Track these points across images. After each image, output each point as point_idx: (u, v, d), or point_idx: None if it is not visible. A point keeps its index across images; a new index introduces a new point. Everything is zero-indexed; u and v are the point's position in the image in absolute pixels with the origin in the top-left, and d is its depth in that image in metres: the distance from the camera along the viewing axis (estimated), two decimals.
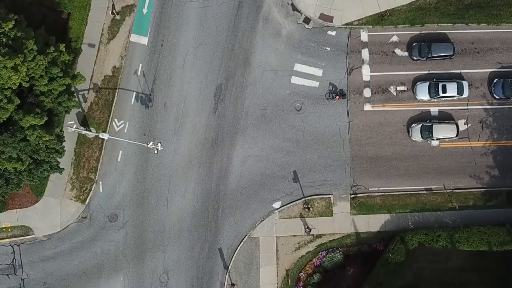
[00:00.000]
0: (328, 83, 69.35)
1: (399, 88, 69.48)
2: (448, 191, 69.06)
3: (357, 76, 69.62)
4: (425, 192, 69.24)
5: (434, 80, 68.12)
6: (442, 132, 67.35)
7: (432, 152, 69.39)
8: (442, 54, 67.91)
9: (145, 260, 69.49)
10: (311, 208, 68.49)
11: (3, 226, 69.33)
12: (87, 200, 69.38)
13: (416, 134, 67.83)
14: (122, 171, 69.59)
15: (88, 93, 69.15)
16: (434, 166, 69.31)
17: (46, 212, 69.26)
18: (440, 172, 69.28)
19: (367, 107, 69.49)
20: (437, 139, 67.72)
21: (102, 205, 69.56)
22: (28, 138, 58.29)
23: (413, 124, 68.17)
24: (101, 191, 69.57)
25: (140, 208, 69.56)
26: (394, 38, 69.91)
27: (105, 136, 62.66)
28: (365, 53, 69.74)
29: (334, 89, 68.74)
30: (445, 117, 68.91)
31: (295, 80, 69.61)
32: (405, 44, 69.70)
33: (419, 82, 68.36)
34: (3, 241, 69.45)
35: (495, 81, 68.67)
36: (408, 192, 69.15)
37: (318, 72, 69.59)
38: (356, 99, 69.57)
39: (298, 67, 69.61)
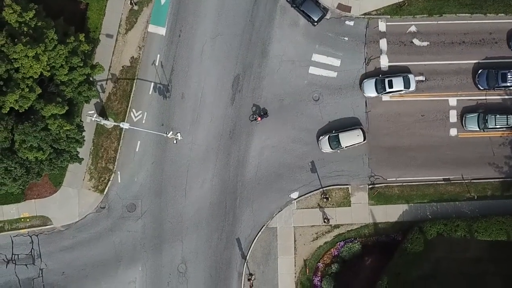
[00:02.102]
0: (346, 73, 69.26)
1: (417, 78, 69.24)
2: (466, 181, 68.93)
3: (375, 66, 69.47)
4: (443, 182, 69.13)
5: (380, 76, 67.95)
6: (349, 139, 67.35)
7: (450, 142, 69.27)
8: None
9: (163, 250, 69.66)
10: (329, 198, 68.44)
11: (22, 216, 69.60)
12: (106, 190, 69.58)
13: (324, 145, 67.89)
14: (140, 161, 69.73)
15: (106, 83, 69.24)
16: (452, 156, 69.18)
17: (64, 202, 69.47)
18: (458, 162, 69.16)
19: (385, 97, 69.34)
20: (346, 147, 67.58)
21: (120, 195, 69.73)
22: (49, 128, 58.43)
23: (321, 137, 68.21)
24: (119, 181, 69.75)
25: (158, 198, 69.70)
26: (412, 28, 69.71)
27: (125, 125, 62.75)
28: (383, 43, 69.57)
29: (256, 109, 68.62)
30: (466, 109, 68.88)
31: (313, 70, 69.54)
32: (424, 34, 69.44)
33: (365, 80, 68.24)
34: (21, 231, 69.74)
35: (479, 72, 68.27)
36: (426, 183, 69.08)
37: (336, 62, 69.48)
38: None
39: (316, 57, 69.52)
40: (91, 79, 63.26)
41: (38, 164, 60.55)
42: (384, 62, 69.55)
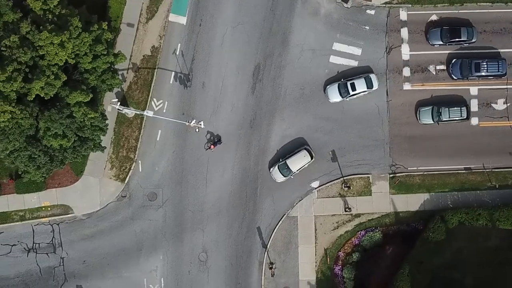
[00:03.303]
0: (367, 62, 69.21)
1: (438, 67, 69.18)
2: (487, 170, 68.87)
3: (396, 55, 69.41)
4: (464, 171, 69.08)
5: (342, 80, 67.93)
6: (297, 163, 67.46)
7: (471, 131, 69.18)
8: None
9: (184, 239, 69.80)
10: (351, 187, 68.43)
11: (43, 205, 69.78)
12: (127, 179, 69.70)
13: (277, 175, 68.14)
14: (161, 150, 69.82)
15: (127, 72, 69.26)
16: (473, 146, 69.12)
17: (85, 191, 69.62)
18: (479, 152, 69.08)
19: (407, 86, 69.30)
20: (297, 170, 67.66)
21: (141, 184, 69.86)
22: (74, 115, 58.54)
23: (271, 168, 68.32)
24: (140, 170, 69.86)
25: (179, 187, 69.79)
26: (434, 17, 69.57)
27: (150, 113, 62.87)
28: (404, 32, 69.48)
29: (211, 137, 68.78)
30: (483, 97, 68.78)
31: (333, 59, 69.47)
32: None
33: (328, 85, 68.23)
34: (42, 220, 69.93)
35: (453, 61, 68.20)
36: (447, 172, 69.05)
37: (357, 51, 69.42)
38: (396, 78, 69.41)
39: (337, 46, 69.45)
40: (113, 67, 63.20)
41: (62, 152, 60.66)
42: (405, 51, 69.47)
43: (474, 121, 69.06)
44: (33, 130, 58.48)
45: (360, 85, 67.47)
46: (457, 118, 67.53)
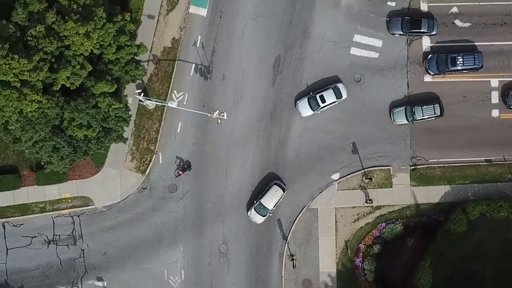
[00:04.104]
0: (388, 54, 69.13)
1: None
2: (508, 162, 68.82)
3: (417, 47, 69.32)
4: (485, 163, 69.02)
5: (311, 93, 68.03)
6: (272, 199, 67.61)
7: (492, 123, 69.13)
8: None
9: (204, 231, 69.83)
10: (372, 179, 68.38)
11: (63, 196, 69.83)
12: (147, 171, 69.73)
13: (255, 217, 68.31)
14: (181, 142, 69.84)
15: (147, 64, 69.27)
16: (494, 137, 69.06)
17: (106, 182, 69.65)
18: (500, 143, 69.03)
19: (427, 78, 69.24)
20: (274, 206, 67.87)
21: (162, 176, 69.87)
22: (99, 106, 58.57)
23: (249, 212, 68.41)
24: (160, 162, 69.89)
25: (200, 179, 69.82)
26: (454, 9, 69.50)
27: (173, 104, 62.85)
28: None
29: (180, 163, 68.86)
30: (508, 87, 68.63)
31: (354, 51, 69.44)
32: (466, 15, 69.20)
33: (298, 101, 68.45)
34: (63, 211, 69.99)
35: (429, 57, 68.11)
36: (468, 164, 69.00)
37: (378, 43, 69.36)
38: (416, 70, 69.36)
39: (358, 38, 69.41)
40: (136, 58, 63.20)
41: (86, 143, 60.70)
42: (426, 43, 69.40)
43: (495, 113, 69.01)
44: (58, 120, 58.45)
45: (329, 96, 67.78)
46: (431, 116, 67.62)
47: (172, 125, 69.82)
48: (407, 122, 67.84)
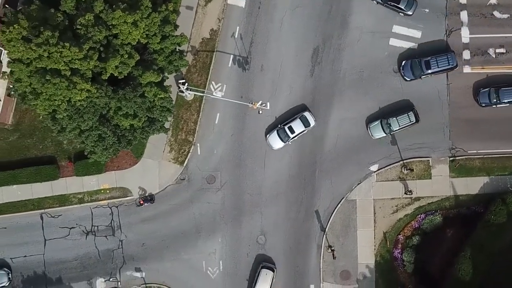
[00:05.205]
0: (427, 45, 68.90)
1: (498, 50, 68.87)
2: None
3: (456, 38, 69.13)
4: None
5: (280, 126, 68.20)
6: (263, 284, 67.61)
7: None
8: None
9: (243, 222, 69.80)
10: (414, 170, 68.21)
11: (102, 187, 69.93)
12: (185, 162, 69.77)
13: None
14: (219, 133, 69.86)
15: (186, 55, 69.05)
16: None
17: (144, 173, 69.73)
18: None
19: (466, 69, 69.04)
20: None
21: (200, 167, 69.89)
22: (145, 95, 58.56)
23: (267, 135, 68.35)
24: (199, 153, 69.91)
25: (237, 170, 69.79)
26: (493, 1, 69.27)
27: (219, 94, 62.77)
28: (464, 15, 69.18)
29: (144, 193, 69.05)
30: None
31: (393, 42, 69.27)
32: (504, 6, 69.00)
33: (268, 135, 68.66)
34: (101, 202, 70.08)
35: (403, 63, 68.05)
36: (507, 155, 68.72)
37: (417, 34, 69.17)
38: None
39: (397, 28, 69.23)
40: (179, 49, 63.20)
41: (132, 132, 60.69)
42: (465, 34, 69.17)
43: None
44: (106, 110, 58.48)
45: (297, 126, 68.07)
46: (407, 124, 67.66)
47: (210, 116, 69.81)
48: (385, 134, 68.00)
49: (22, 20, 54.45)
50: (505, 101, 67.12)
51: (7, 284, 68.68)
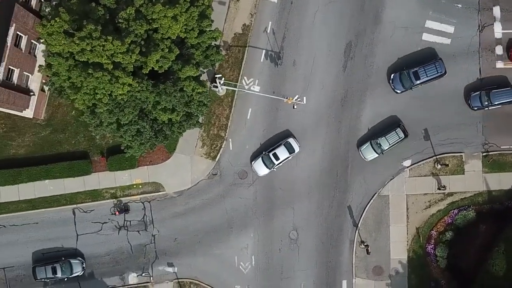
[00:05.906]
0: (460, 40, 68.78)
1: None
2: None
3: (489, 33, 68.95)
4: None
5: (264, 152, 68.19)
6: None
7: None
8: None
9: (275, 217, 69.79)
10: (449, 165, 68.07)
11: (134, 182, 69.98)
12: (217, 157, 69.79)
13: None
14: (251, 128, 69.86)
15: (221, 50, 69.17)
16: None
17: (176, 168, 69.76)
18: None
19: (499, 64, 68.85)
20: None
21: (232, 162, 69.91)
22: (184, 89, 58.56)
23: (253, 161, 68.56)
24: (231, 148, 69.92)
25: None
26: None
27: (256, 88, 62.76)
28: (496, 10, 68.98)
29: (118, 203, 68.92)
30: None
31: (426, 37, 69.13)
32: None
33: (253, 161, 68.60)
34: (134, 197, 70.14)
35: (392, 76, 67.97)
36: None
37: (450, 29, 69.03)
38: (488, 57, 68.94)
39: (430, 23, 69.10)
40: (214, 43, 63.20)
41: (170, 127, 60.68)
42: (498, 29, 68.97)
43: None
44: (146, 104, 58.47)
45: (282, 152, 68.14)
46: (397, 141, 67.64)
47: (242, 111, 69.81)
48: (377, 155, 67.90)
49: (63, 13, 54.46)
50: (496, 103, 66.97)
51: (81, 273, 68.86)
